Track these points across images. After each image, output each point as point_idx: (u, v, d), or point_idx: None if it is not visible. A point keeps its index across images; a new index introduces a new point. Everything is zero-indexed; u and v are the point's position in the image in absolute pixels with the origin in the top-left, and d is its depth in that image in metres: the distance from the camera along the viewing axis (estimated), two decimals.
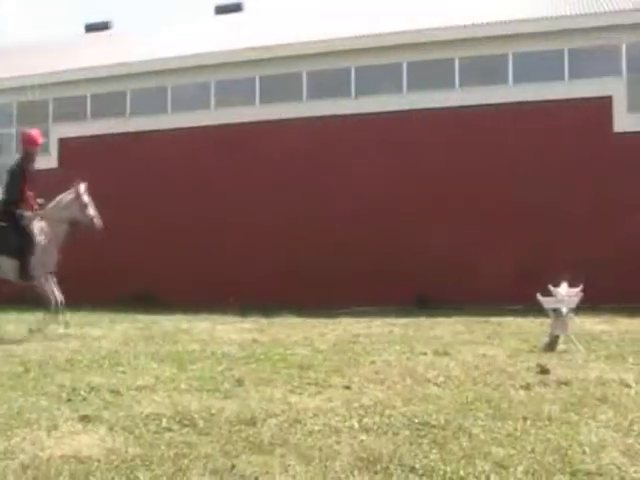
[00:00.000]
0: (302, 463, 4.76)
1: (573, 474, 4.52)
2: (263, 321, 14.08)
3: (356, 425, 5.68)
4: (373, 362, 8.65)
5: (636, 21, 17.22)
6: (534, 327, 11.83)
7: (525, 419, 5.79)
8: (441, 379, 7.45)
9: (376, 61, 19.01)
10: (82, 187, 11.94)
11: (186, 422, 5.77)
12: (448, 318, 14.01)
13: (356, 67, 19.29)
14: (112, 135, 20.82)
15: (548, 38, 17.75)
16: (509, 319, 13.65)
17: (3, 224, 11.36)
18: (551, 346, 9.57)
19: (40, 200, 11.78)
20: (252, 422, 5.74)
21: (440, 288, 17.18)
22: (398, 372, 7.90)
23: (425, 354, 9.26)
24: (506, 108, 17.78)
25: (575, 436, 5.32)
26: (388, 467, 4.65)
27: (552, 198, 17.25)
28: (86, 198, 11.88)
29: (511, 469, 4.61)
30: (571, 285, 10.22)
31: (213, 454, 4.95)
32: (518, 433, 5.42)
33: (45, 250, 11.56)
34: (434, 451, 4.98)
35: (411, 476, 4.53)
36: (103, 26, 29.03)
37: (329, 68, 19.47)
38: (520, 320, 13.29)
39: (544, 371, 7.72)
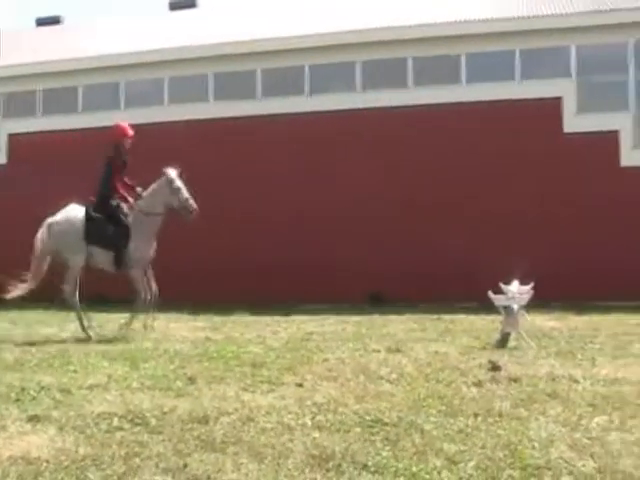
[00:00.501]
0: (254, 461, 4.75)
1: (523, 469, 4.59)
2: (216, 319, 14.03)
3: (309, 423, 5.69)
4: (326, 360, 8.67)
5: (585, 24, 17.48)
6: (486, 324, 11.96)
7: (476, 415, 5.85)
8: (394, 376, 7.50)
9: (330, 59, 19.03)
10: (173, 172, 11.76)
11: (138, 421, 5.73)
12: (401, 316, 14.09)
13: (310, 65, 19.30)
14: (63, 131, 20.53)
15: (500, 39, 17.95)
16: (461, 316, 13.78)
17: (99, 216, 11.53)
18: (502, 343, 9.68)
19: (139, 189, 11.82)
20: (204, 420, 5.72)
21: (393, 286, 17.27)
22: (351, 369, 7.93)
23: (378, 351, 9.31)
24: (459, 108, 17.91)
25: (525, 431, 5.39)
26: (340, 464, 4.67)
27: (503, 197, 17.43)
28: (178, 183, 11.71)
29: (462, 465, 4.66)
30: (522, 283, 10.35)
31: (165, 453, 4.92)
32: (469, 429, 5.47)
33: (141, 240, 11.60)
34: (386, 448, 5.01)
35: (363, 473, 4.55)
36: (54, 20, 28.59)
37: (283, 66, 19.44)
38: (472, 317, 13.42)
39: (495, 368, 7.81)
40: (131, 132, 11.89)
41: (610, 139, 17.28)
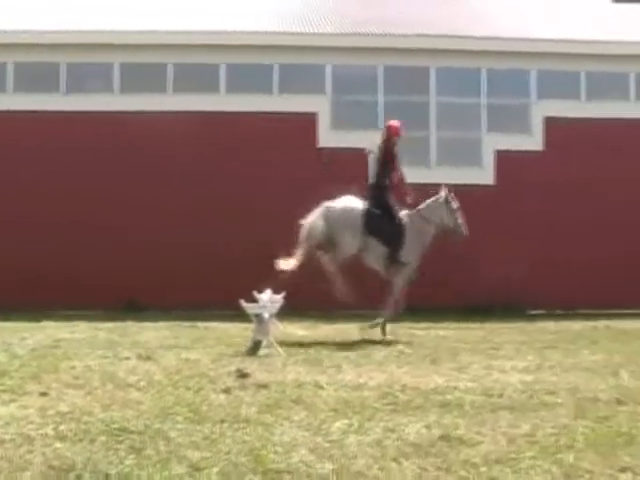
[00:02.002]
0: None
1: (264, 473, 4.72)
2: None
3: (51, 433, 5.51)
4: (73, 367, 8.45)
5: (339, 45, 18.32)
6: (239, 332, 12.10)
7: (223, 422, 5.94)
8: (142, 384, 7.44)
9: (87, 59, 18.48)
10: (449, 192, 12.44)
11: None
12: (155, 323, 13.96)
13: (67, 63, 18.61)
14: None
15: (260, 52, 18.31)
16: (215, 324, 13.86)
17: (376, 210, 11.98)
18: (253, 350, 9.89)
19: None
20: None
21: (150, 292, 17.03)
22: (99, 377, 7.78)
23: (128, 359, 9.20)
24: (218, 117, 18.02)
25: (269, 437, 5.55)
26: (81, 475, 4.57)
27: (258, 208, 17.63)
28: (455, 205, 12.42)
29: (206, 471, 4.72)
30: (275, 292, 10.60)
31: None
32: (215, 436, 5.55)
33: (412, 246, 12.09)
34: (131, 456, 4.97)
35: None
36: None
37: (38, 61, 18.57)
38: (226, 325, 13.52)
39: (244, 375, 7.97)
40: (402, 132, 12.55)
41: (360, 156, 18.10)
